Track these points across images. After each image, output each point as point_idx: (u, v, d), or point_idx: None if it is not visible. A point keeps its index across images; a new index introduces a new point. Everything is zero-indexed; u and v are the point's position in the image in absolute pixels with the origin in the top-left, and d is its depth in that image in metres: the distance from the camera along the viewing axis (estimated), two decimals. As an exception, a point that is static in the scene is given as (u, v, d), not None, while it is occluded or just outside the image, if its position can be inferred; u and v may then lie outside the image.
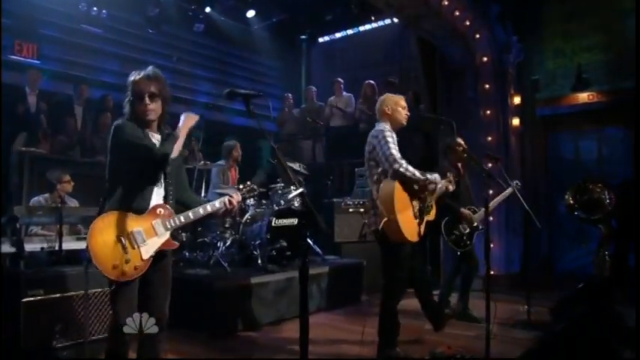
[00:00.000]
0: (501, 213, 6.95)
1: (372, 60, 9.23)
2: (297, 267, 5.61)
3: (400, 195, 3.72)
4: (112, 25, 8.26)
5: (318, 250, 6.37)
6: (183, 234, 5.88)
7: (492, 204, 5.13)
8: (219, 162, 6.63)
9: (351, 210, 6.93)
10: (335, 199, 6.93)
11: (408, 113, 4.00)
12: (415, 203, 3.86)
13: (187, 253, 5.87)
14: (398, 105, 3.95)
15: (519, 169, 7.50)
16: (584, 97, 7.32)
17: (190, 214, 2.87)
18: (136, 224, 2.70)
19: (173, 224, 2.80)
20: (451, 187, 4.26)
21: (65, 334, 3.78)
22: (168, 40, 8.99)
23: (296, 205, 6.14)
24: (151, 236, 2.73)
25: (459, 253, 5.24)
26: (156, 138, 2.83)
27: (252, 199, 6.10)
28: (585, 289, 4.59)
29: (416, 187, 3.79)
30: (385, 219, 3.70)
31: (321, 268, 5.86)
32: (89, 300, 3.90)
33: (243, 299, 4.89)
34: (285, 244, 5.71)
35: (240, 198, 3.01)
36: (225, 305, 4.73)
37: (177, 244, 2.85)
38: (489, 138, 7.16)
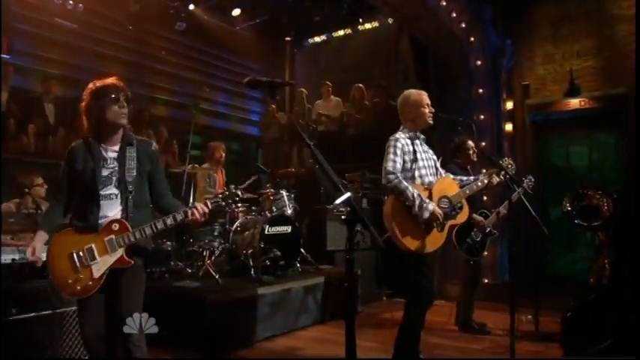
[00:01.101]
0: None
1: (360, 63, 8.89)
2: (291, 277, 5.36)
3: (400, 209, 3.36)
4: (88, 20, 7.69)
5: (310, 259, 5.98)
6: (168, 243, 5.40)
7: (503, 208, 4.85)
8: (204, 165, 6.20)
9: (343, 217, 6.57)
10: (327, 206, 6.54)
11: (433, 110, 3.64)
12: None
13: (173, 263, 5.37)
14: (420, 105, 3.61)
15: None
16: (575, 103, 7.14)
17: (147, 228, 2.65)
18: (88, 241, 2.60)
19: (127, 241, 2.62)
20: (495, 180, 3.86)
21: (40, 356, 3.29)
22: (148, 38, 8.47)
23: (289, 212, 5.75)
24: (103, 254, 2.60)
25: (471, 262, 4.93)
26: (110, 150, 2.70)
27: (239, 206, 5.71)
28: (599, 299, 4.32)
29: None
30: (388, 234, 3.36)
31: (317, 279, 5.47)
32: (64, 319, 3.40)
33: (237, 314, 4.45)
34: (278, 253, 5.30)
35: (206, 209, 2.72)
36: (219, 321, 4.27)
37: (131, 261, 2.64)
38: (483, 143, 6.94)
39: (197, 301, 4.26)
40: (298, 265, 5.69)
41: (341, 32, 9.53)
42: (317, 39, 9.96)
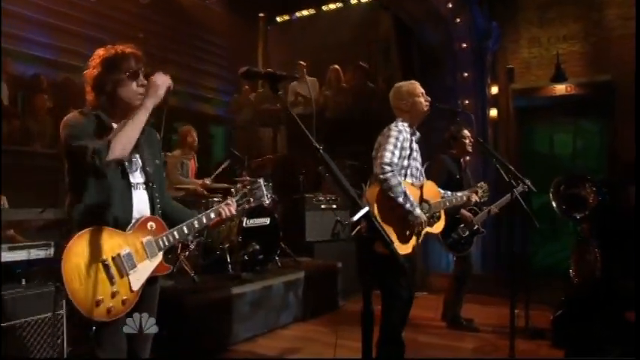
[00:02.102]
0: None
1: (337, 42, 8.59)
2: (271, 272, 5.17)
3: (384, 202, 3.22)
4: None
5: (289, 251, 5.80)
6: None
7: (495, 206, 4.76)
8: (175, 152, 5.89)
9: (323, 207, 6.41)
10: (306, 195, 6.34)
11: (429, 99, 3.50)
12: None
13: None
14: (414, 95, 3.46)
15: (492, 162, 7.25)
16: (561, 88, 7.11)
17: (185, 228, 2.32)
18: (123, 244, 2.11)
19: (167, 242, 2.25)
20: (474, 199, 3.78)
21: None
22: (109, 11, 7.95)
23: (267, 202, 5.51)
24: (142, 259, 2.16)
25: (454, 258, 4.86)
26: None
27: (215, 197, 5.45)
28: (589, 298, 4.29)
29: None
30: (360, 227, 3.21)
31: (297, 274, 5.30)
32: (27, 329, 3.13)
33: (217, 315, 4.24)
34: (257, 247, 5.09)
35: (236, 206, 2.53)
36: (198, 324, 4.05)
37: (170, 267, 2.33)
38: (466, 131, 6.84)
39: (174, 303, 3.99)
40: (277, 258, 5.50)
41: (317, 9, 9.20)
42: (292, 15, 9.60)
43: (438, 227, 3.61)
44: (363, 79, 7.61)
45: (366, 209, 1.65)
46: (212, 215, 2.40)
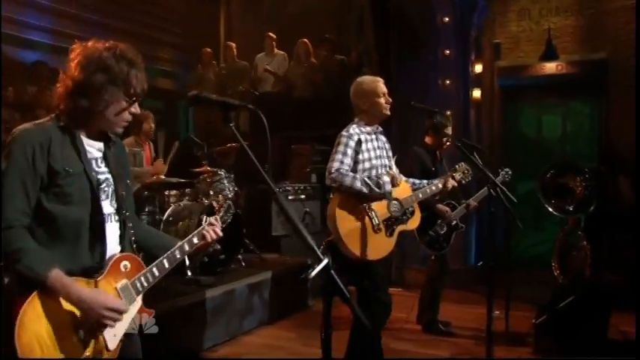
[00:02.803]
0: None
1: (307, 11, 8.51)
2: (234, 274, 5.23)
3: (347, 209, 3.38)
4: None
5: (253, 247, 5.89)
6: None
7: (474, 200, 4.90)
8: (127, 140, 5.84)
9: (290, 197, 6.48)
10: (271, 184, 6.37)
11: (390, 99, 3.59)
12: (377, 214, 3.48)
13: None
14: (375, 95, 3.56)
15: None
16: (551, 67, 7.27)
17: (165, 262, 2.13)
18: None
19: (146, 283, 2.06)
20: (450, 185, 3.90)
21: None
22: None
23: (230, 196, 5.57)
24: None
25: (431, 256, 5.00)
26: (96, 147, 2.04)
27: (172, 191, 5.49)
28: (579, 300, 4.47)
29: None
30: (331, 237, 3.40)
31: (264, 274, 5.39)
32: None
33: (171, 327, 4.28)
34: (218, 246, 5.14)
35: (221, 224, 2.38)
36: (152, 338, 4.09)
37: (152, 310, 2.13)
38: (448, 112, 6.90)
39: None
40: (241, 257, 5.58)
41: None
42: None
43: (413, 223, 3.72)
44: (331, 52, 7.61)
45: (324, 262, 1.69)
46: (195, 240, 2.25)
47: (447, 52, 6.92)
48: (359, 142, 3.47)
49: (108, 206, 2.03)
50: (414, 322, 5.22)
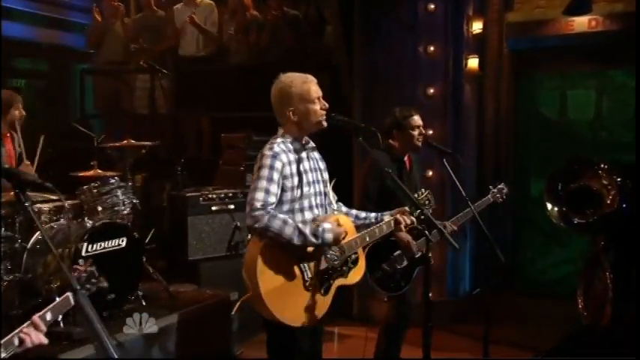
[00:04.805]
0: (447, 203, 6.83)
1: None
2: (125, 319, 5.21)
3: (271, 257, 3.40)
4: None
5: (158, 277, 5.87)
6: None
7: (451, 223, 4.89)
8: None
9: (214, 208, 6.46)
10: (188, 193, 6.37)
11: (326, 105, 3.60)
12: (309, 265, 3.51)
13: None
14: (305, 100, 3.56)
15: (475, 135, 7.39)
16: (582, 22, 7.11)
17: None
18: None
19: None
20: (404, 223, 3.91)
21: None
22: None
23: (125, 212, 5.55)
24: None
25: (385, 298, 4.98)
26: None
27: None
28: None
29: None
30: (248, 294, 3.44)
31: (167, 319, 5.37)
32: None
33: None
34: (105, 284, 5.10)
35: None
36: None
37: None
38: (431, 90, 6.92)
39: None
40: (141, 294, 5.57)
41: None
42: None
43: (355, 275, 3.78)
44: (282, 6, 7.60)
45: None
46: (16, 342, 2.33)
47: (432, 6, 6.87)
48: (287, 164, 3.49)
49: None
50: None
